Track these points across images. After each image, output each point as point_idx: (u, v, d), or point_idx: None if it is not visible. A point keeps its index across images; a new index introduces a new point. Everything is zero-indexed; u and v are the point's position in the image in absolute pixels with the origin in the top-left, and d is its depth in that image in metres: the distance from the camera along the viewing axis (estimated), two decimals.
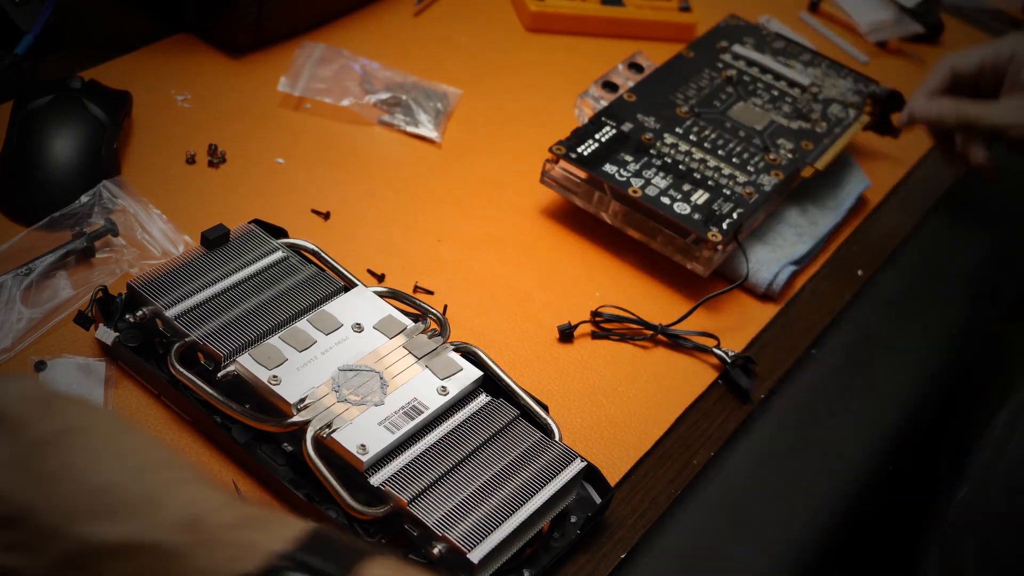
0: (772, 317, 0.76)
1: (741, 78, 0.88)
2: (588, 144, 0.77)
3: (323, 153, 0.80)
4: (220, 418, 0.58)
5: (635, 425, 0.67)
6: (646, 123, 0.81)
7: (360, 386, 0.58)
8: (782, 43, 0.93)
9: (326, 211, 0.75)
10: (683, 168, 0.77)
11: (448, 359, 0.61)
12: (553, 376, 0.69)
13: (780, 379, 0.73)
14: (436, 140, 0.84)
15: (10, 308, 0.62)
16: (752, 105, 0.85)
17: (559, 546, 0.58)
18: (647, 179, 0.76)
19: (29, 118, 0.71)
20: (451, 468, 0.56)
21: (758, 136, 0.82)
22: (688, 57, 0.89)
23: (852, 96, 0.89)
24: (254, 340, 0.59)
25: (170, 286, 0.61)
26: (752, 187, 0.77)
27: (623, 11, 1.00)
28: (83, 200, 0.69)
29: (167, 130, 0.78)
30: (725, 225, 0.73)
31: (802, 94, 0.87)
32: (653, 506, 0.63)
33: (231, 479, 0.58)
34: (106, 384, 0.60)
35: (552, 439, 0.60)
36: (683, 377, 0.71)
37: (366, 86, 0.85)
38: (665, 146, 0.79)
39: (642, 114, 0.81)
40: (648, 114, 0.82)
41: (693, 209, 0.74)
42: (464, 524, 0.54)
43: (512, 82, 0.92)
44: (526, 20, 0.98)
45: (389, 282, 0.71)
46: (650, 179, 0.76)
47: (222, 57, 0.86)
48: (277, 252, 0.65)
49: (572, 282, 0.75)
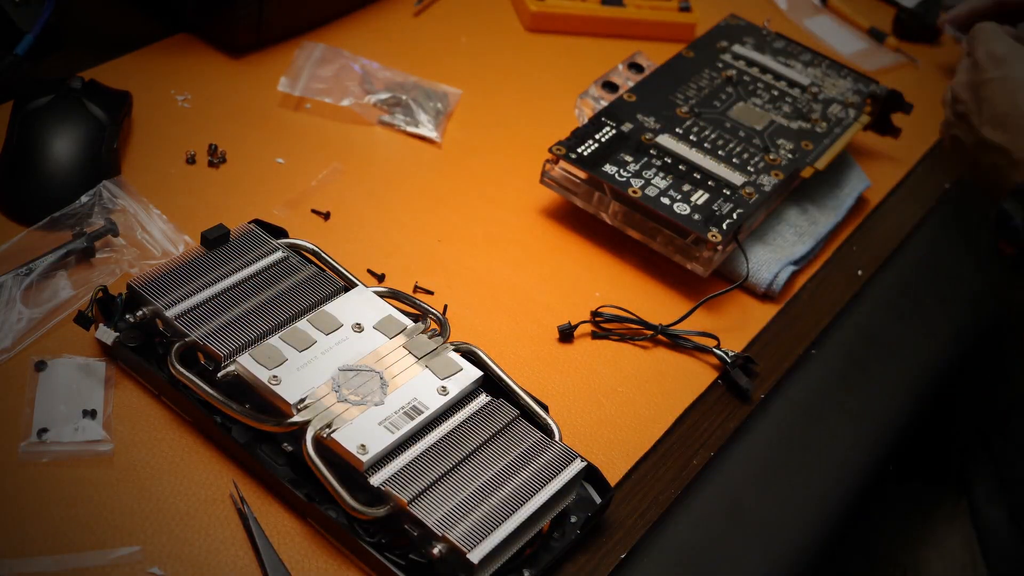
0: (772, 317, 0.76)
1: (741, 78, 0.88)
2: (588, 144, 0.77)
3: (323, 153, 0.80)
4: (220, 418, 0.58)
5: (635, 425, 0.67)
6: (646, 123, 0.81)
7: (360, 386, 0.58)
8: (782, 43, 0.93)
9: (326, 211, 0.75)
10: (683, 168, 0.77)
11: (448, 359, 0.61)
12: (553, 376, 0.69)
13: (780, 379, 0.73)
14: (436, 140, 0.84)
15: (10, 308, 0.62)
16: (752, 105, 0.85)
17: (559, 546, 0.58)
18: (647, 179, 0.76)
19: (29, 118, 0.71)
20: (451, 468, 0.56)
21: (758, 136, 0.82)
22: (688, 57, 0.89)
23: (852, 96, 0.89)
24: (254, 340, 0.59)
25: (170, 286, 0.61)
26: (752, 187, 0.77)
27: (623, 11, 1.00)
28: (83, 200, 0.69)
29: (167, 130, 0.78)
30: (725, 225, 0.73)
31: (802, 94, 0.87)
32: (653, 506, 0.63)
33: (231, 479, 0.58)
34: (106, 384, 0.61)
35: (552, 439, 0.60)
36: (683, 377, 0.71)
37: (366, 86, 0.85)
38: (665, 146, 0.79)
39: (642, 114, 0.81)
40: (648, 114, 0.82)
41: (693, 209, 0.74)
42: (464, 524, 0.54)
43: (512, 82, 0.92)
44: (526, 20, 0.98)
45: (389, 282, 0.71)
46: (650, 179, 0.76)
47: (222, 57, 0.86)
48: (277, 252, 0.65)
49: (572, 282, 0.75)
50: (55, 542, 0.54)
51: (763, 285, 0.77)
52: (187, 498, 0.57)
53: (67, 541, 0.54)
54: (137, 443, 0.59)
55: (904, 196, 0.91)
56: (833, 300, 0.79)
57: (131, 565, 0.54)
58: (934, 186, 0.92)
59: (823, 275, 0.81)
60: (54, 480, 0.56)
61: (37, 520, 0.55)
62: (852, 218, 0.86)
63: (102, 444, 0.58)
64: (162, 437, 0.60)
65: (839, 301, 0.79)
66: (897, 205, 0.90)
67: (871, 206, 0.88)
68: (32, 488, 0.56)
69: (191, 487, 0.58)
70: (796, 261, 0.79)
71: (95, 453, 0.58)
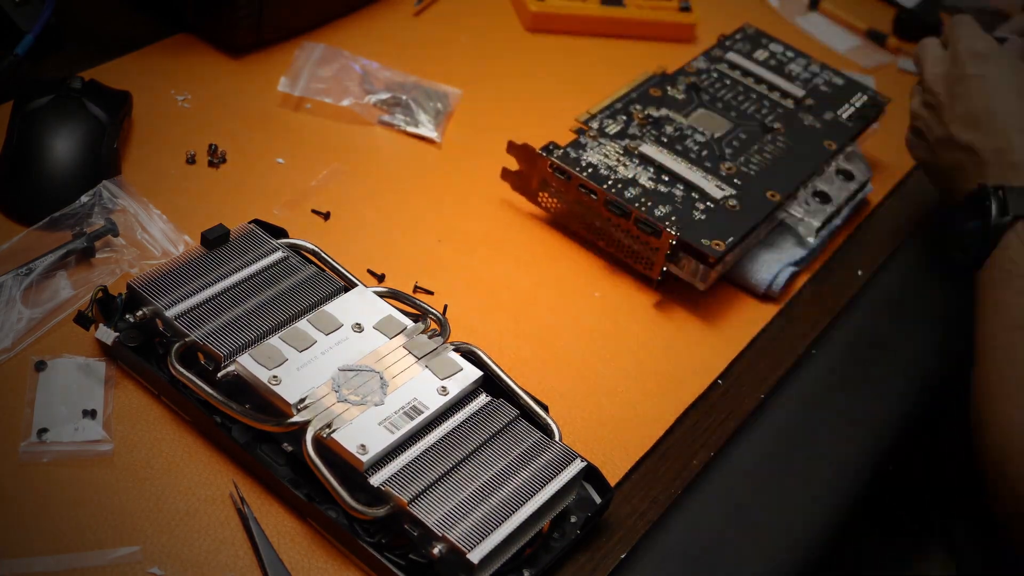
0: (772, 317, 0.76)
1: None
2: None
3: (323, 153, 0.80)
4: (220, 418, 0.58)
5: (635, 425, 0.67)
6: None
7: (360, 386, 0.58)
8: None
9: (326, 211, 0.75)
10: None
11: (448, 359, 0.61)
12: (553, 376, 0.69)
13: (780, 379, 0.73)
14: (436, 140, 0.84)
15: (10, 308, 0.62)
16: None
17: (559, 546, 0.58)
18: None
19: (29, 118, 0.71)
20: (451, 468, 0.56)
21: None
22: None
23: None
24: (254, 340, 0.59)
25: (170, 286, 0.61)
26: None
27: (623, 11, 1.00)
28: (83, 200, 0.69)
29: (167, 130, 0.78)
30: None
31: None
32: (653, 506, 0.63)
33: (231, 479, 0.58)
34: (106, 384, 0.61)
35: (552, 439, 0.60)
36: (683, 377, 0.71)
37: (366, 86, 0.85)
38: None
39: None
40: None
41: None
42: (464, 524, 0.54)
43: (512, 82, 0.92)
44: (526, 20, 0.98)
45: (389, 282, 0.71)
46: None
47: (222, 57, 0.86)
48: (277, 252, 0.65)
49: (572, 282, 0.75)
50: (55, 542, 0.54)
51: (763, 285, 0.77)
52: (187, 498, 0.57)
53: (67, 541, 0.54)
54: (137, 443, 0.59)
55: (904, 196, 0.91)
56: (833, 300, 0.79)
57: (131, 565, 0.54)
58: (934, 187, 0.92)
59: (823, 275, 0.81)
60: (54, 480, 0.56)
61: (37, 520, 0.55)
62: (852, 218, 0.86)
63: (102, 444, 0.58)
64: (162, 437, 0.60)
65: (839, 301, 0.79)
66: (897, 205, 0.90)
67: (871, 206, 0.88)
68: (32, 488, 0.56)
69: (191, 487, 0.58)
70: (796, 262, 0.79)
71: (95, 453, 0.58)
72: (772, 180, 0.78)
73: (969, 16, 0.81)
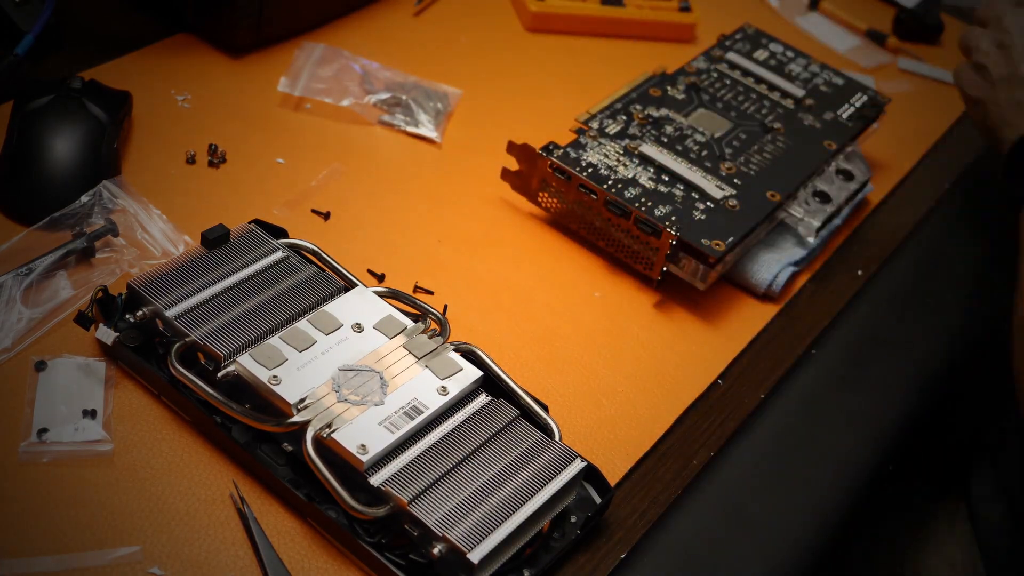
0: (772, 317, 0.76)
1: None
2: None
3: (323, 153, 0.80)
4: (220, 418, 0.58)
5: (635, 425, 0.67)
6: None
7: (360, 386, 0.58)
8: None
9: (326, 211, 0.75)
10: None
11: (448, 359, 0.61)
12: (553, 376, 0.69)
13: (780, 379, 0.73)
14: (436, 140, 0.84)
15: (10, 308, 0.62)
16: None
17: (559, 546, 0.58)
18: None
19: (29, 118, 0.71)
20: (451, 468, 0.56)
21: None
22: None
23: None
24: (254, 340, 0.59)
25: (170, 286, 0.61)
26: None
27: (623, 11, 1.00)
28: (83, 200, 0.69)
29: (167, 130, 0.78)
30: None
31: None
32: (653, 506, 0.63)
33: (231, 479, 0.58)
34: (106, 384, 0.61)
35: (552, 439, 0.60)
36: (683, 377, 0.71)
37: (366, 86, 0.85)
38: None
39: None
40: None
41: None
42: (464, 524, 0.54)
43: (512, 82, 0.92)
44: (526, 20, 0.98)
45: (389, 282, 0.71)
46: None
47: (222, 57, 0.86)
48: (277, 252, 0.65)
49: (572, 282, 0.75)
50: (55, 542, 0.54)
51: (763, 285, 0.77)
52: (187, 498, 0.57)
53: (67, 541, 0.54)
54: (137, 443, 0.59)
55: (904, 196, 0.91)
56: (833, 300, 0.79)
57: (131, 565, 0.54)
58: (934, 186, 0.92)
59: (823, 275, 0.81)
60: (54, 480, 0.56)
61: (37, 520, 0.55)
62: (852, 218, 0.86)
63: (102, 444, 0.58)
64: (162, 437, 0.60)
65: (839, 301, 0.79)
66: (897, 205, 0.90)
67: (871, 206, 0.88)
68: (32, 488, 0.56)
69: (191, 487, 0.58)
70: (796, 262, 0.79)
71: (95, 453, 0.58)
72: (772, 180, 0.79)
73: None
